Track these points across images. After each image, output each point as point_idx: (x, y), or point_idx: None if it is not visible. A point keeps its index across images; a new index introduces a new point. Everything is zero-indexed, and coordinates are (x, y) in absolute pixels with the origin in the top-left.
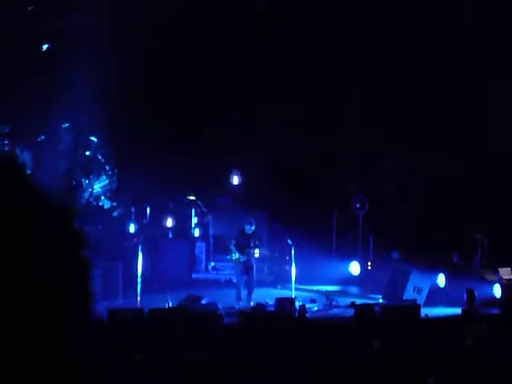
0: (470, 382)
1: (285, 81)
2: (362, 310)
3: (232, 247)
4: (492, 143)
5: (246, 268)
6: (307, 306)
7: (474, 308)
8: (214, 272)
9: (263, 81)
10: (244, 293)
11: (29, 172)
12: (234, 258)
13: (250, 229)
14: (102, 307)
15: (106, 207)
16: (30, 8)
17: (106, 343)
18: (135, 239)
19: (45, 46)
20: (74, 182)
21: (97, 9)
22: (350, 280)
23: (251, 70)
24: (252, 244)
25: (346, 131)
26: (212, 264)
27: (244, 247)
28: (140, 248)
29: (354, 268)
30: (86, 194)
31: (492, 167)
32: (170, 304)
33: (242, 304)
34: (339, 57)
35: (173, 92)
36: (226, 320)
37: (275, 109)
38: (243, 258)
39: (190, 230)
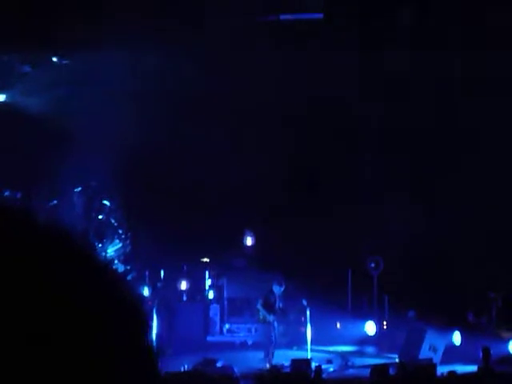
0: None
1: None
2: (378, 370)
3: (259, 307)
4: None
5: (274, 328)
6: (323, 366)
7: (490, 365)
8: (229, 334)
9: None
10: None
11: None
12: (260, 317)
13: (279, 290)
14: None
15: (119, 271)
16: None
17: None
18: (149, 302)
19: None
20: None
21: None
22: (365, 340)
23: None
24: (278, 306)
25: (358, 190)
26: (227, 326)
27: (271, 307)
28: (154, 311)
29: (370, 328)
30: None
31: (506, 225)
32: (186, 367)
33: (268, 364)
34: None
35: (184, 152)
36: (242, 383)
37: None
38: (270, 319)
39: (205, 293)
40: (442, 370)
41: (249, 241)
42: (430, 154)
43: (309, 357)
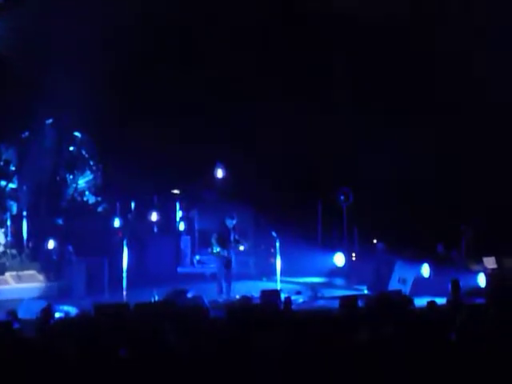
0: (456, 372)
1: (272, 80)
2: (347, 302)
3: (213, 241)
4: (476, 134)
5: (227, 262)
6: (293, 297)
7: (459, 298)
8: (200, 266)
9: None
10: (225, 286)
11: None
12: (214, 251)
13: (231, 223)
14: (87, 302)
15: (90, 202)
16: None
17: (93, 338)
18: (120, 234)
19: None
20: (58, 178)
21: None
22: (335, 272)
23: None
24: (233, 238)
25: (332, 124)
26: (197, 258)
27: (225, 241)
28: (125, 243)
29: (339, 259)
30: (71, 190)
31: (477, 159)
32: (156, 298)
33: (223, 297)
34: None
35: (157, 86)
36: (211, 313)
37: (262, 103)
38: (223, 252)
39: (175, 224)
40: None
41: (219, 173)
42: (406, 88)
43: (278, 288)
